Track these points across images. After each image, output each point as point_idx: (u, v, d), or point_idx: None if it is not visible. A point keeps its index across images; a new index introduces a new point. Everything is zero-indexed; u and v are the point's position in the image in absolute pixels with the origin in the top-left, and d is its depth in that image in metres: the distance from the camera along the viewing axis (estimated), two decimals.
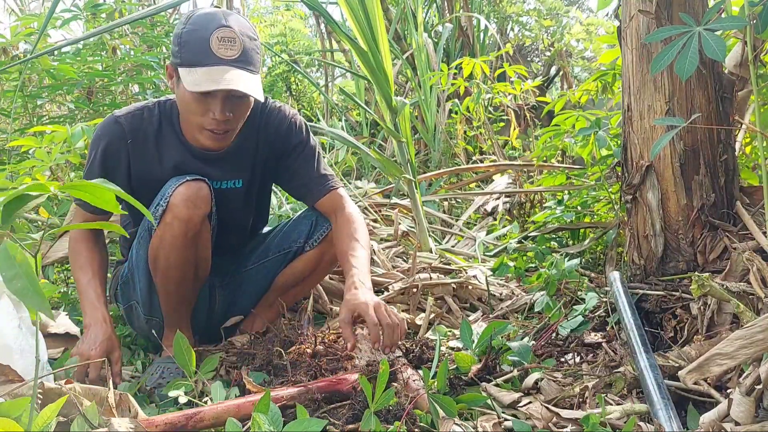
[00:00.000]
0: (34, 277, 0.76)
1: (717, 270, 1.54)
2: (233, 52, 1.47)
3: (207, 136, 1.57)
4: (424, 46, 4.18)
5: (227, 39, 1.47)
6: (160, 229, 1.54)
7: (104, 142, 1.61)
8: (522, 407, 1.31)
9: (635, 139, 1.69)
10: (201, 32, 1.47)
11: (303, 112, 5.84)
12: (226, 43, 1.47)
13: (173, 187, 1.53)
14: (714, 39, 1.35)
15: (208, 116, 1.52)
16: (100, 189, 0.79)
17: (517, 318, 1.97)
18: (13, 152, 2.71)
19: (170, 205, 1.52)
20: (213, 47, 1.46)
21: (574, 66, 5.55)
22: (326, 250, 1.82)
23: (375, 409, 1.19)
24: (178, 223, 1.52)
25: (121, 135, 1.61)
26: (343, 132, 3.24)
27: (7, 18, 4.72)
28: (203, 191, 1.56)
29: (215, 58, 1.46)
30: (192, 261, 1.60)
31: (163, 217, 1.52)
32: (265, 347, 1.60)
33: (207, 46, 1.46)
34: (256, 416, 1.04)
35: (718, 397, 1.21)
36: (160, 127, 1.65)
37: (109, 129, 1.62)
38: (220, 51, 1.46)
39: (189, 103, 1.52)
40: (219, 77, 1.45)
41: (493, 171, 3.61)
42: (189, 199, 1.52)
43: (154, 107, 1.66)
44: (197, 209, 1.54)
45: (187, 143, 1.65)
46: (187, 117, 1.57)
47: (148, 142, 1.64)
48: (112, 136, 1.61)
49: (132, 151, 1.62)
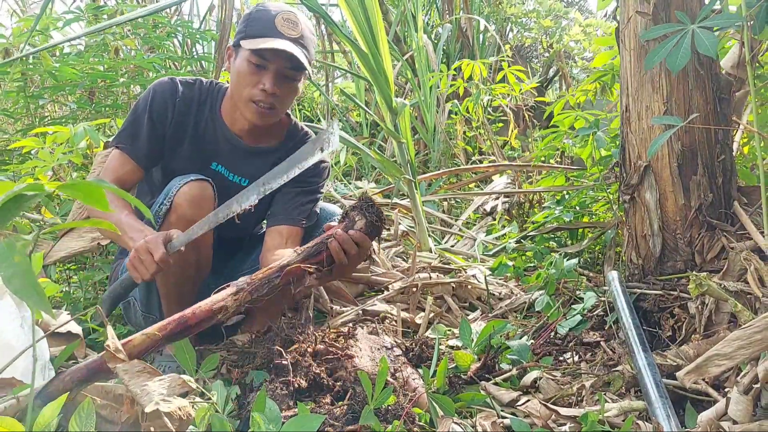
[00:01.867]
0: (32, 276, 0.77)
1: (715, 269, 1.54)
2: (295, 32, 1.62)
3: (253, 110, 1.65)
4: (424, 47, 4.19)
5: (290, 21, 1.63)
6: (164, 227, 1.55)
7: (156, 92, 1.70)
8: (521, 406, 1.32)
9: (633, 139, 1.70)
10: (268, 13, 1.63)
11: (303, 113, 5.84)
12: (290, 23, 1.62)
13: (177, 187, 1.55)
14: (707, 36, 1.36)
15: (258, 87, 1.62)
16: (96, 188, 0.79)
17: (516, 317, 1.98)
18: (15, 153, 2.72)
19: (174, 205, 1.54)
20: (278, 24, 1.61)
21: (573, 67, 5.56)
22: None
23: (374, 407, 1.20)
24: (183, 222, 1.53)
25: (174, 91, 1.71)
26: (344, 132, 3.25)
27: (9, 20, 4.74)
28: (207, 191, 1.59)
29: (278, 33, 1.60)
30: (193, 261, 1.61)
31: (167, 216, 1.54)
32: (265, 346, 1.60)
33: (272, 23, 1.61)
34: (255, 415, 1.05)
35: (715, 395, 1.22)
36: (204, 101, 1.75)
37: (164, 84, 1.72)
38: (283, 29, 1.61)
39: (243, 75, 1.63)
40: (279, 45, 1.58)
41: (492, 171, 3.62)
42: (193, 200, 1.54)
43: (207, 83, 1.78)
44: (201, 210, 1.55)
45: (221, 125, 1.74)
46: (239, 90, 1.65)
47: (191, 109, 1.73)
48: (165, 90, 1.71)
49: (177, 111, 1.71)
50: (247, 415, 1.22)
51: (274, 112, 1.68)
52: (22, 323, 1.27)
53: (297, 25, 1.64)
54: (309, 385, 1.42)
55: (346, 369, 1.44)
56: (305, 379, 1.42)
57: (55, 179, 2.20)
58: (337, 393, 1.40)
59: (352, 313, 1.98)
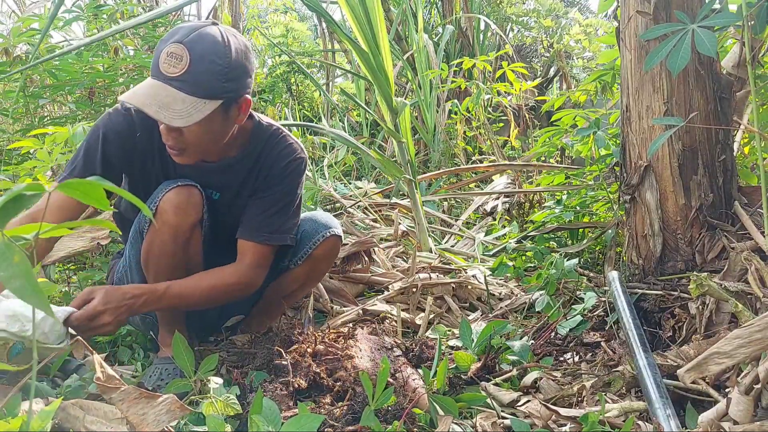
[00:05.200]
0: (31, 276, 0.76)
1: (715, 270, 1.54)
2: (175, 69, 1.38)
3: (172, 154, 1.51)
4: (425, 46, 4.19)
5: (174, 55, 1.38)
6: (150, 233, 1.53)
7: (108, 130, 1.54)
8: (521, 406, 1.32)
9: (634, 139, 1.70)
10: (160, 44, 1.41)
11: (303, 113, 5.84)
12: (172, 59, 1.38)
13: (163, 192, 1.50)
14: (707, 35, 1.36)
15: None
16: (95, 186, 0.79)
17: (516, 317, 1.97)
18: (14, 153, 2.72)
19: (159, 211, 1.49)
20: (160, 61, 1.39)
21: (573, 66, 5.56)
22: (313, 266, 1.79)
23: (375, 407, 1.20)
24: (167, 229, 1.50)
25: (131, 126, 1.55)
26: (344, 132, 3.24)
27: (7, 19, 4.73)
28: (194, 197, 1.52)
29: (157, 73, 1.39)
30: (182, 266, 1.57)
31: (152, 223, 1.51)
32: (265, 347, 1.60)
33: (156, 61, 1.40)
34: (253, 417, 1.05)
35: (716, 396, 1.22)
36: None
37: (119, 119, 1.56)
38: (162, 66, 1.38)
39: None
40: (145, 92, 1.38)
41: (492, 171, 3.62)
42: (179, 207, 1.49)
43: None
44: (187, 216, 1.51)
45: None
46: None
47: (153, 137, 1.57)
48: (121, 127, 1.55)
49: (139, 144, 1.57)
50: (246, 415, 1.22)
51: (188, 153, 1.49)
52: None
53: (181, 59, 1.37)
54: (309, 385, 1.42)
55: (346, 369, 1.44)
56: (305, 379, 1.42)
57: (54, 179, 2.19)
58: (337, 393, 1.39)
59: (352, 313, 1.98)
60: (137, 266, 1.62)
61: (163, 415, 1.05)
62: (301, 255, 1.78)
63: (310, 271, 1.81)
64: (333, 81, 6.45)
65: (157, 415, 1.05)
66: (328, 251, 1.80)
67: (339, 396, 1.39)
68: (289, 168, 1.65)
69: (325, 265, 1.86)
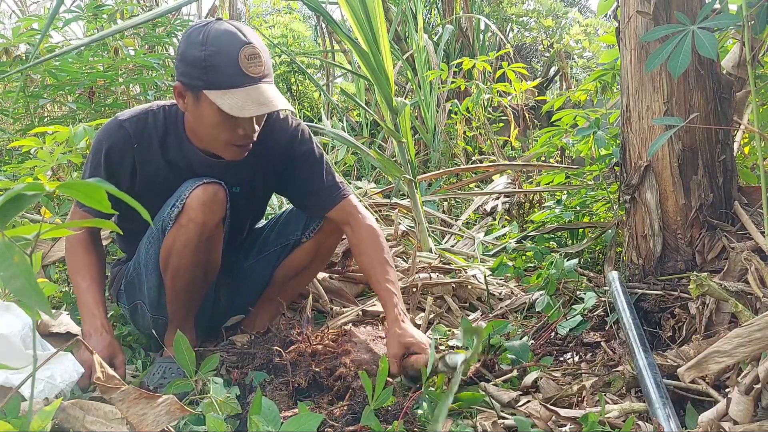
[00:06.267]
0: (32, 276, 0.76)
1: (715, 270, 1.54)
2: (261, 68, 1.47)
3: (233, 151, 1.56)
4: (425, 46, 4.19)
5: (254, 56, 1.45)
6: (174, 230, 1.53)
7: (108, 146, 1.57)
8: (521, 406, 1.32)
9: (634, 139, 1.70)
10: (227, 54, 1.44)
11: (303, 113, 5.84)
12: (254, 60, 1.45)
13: (190, 190, 1.52)
14: (707, 37, 1.36)
15: (238, 132, 1.51)
16: (95, 188, 0.79)
17: (516, 317, 1.97)
18: (15, 152, 2.72)
19: (186, 208, 1.51)
20: (243, 67, 1.44)
21: (573, 66, 5.56)
22: (323, 240, 1.85)
23: (375, 407, 1.20)
24: (194, 226, 1.51)
25: (127, 139, 1.58)
26: (344, 132, 3.25)
27: (8, 20, 4.73)
28: (220, 195, 1.54)
29: (247, 77, 1.45)
30: (203, 264, 1.59)
31: (179, 218, 1.51)
32: (264, 347, 1.60)
33: (238, 67, 1.44)
34: (252, 418, 1.05)
35: (716, 396, 1.22)
36: (166, 132, 1.62)
37: (114, 133, 1.58)
38: (250, 69, 1.45)
39: (218, 123, 1.50)
40: (261, 98, 1.45)
41: (492, 171, 3.62)
42: (206, 204, 1.51)
43: (159, 112, 1.62)
44: (213, 214, 1.53)
45: (191, 149, 1.62)
46: (214, 134, 1.54)
47: (152, 146, 1.60)
48: (117, 141, 1.58)
49: (137, 155, 1.59)
50: (246, 415, 1.22)
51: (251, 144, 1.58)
52: (30, 327, 1.27)
53: (260, 58, 1.46)
54: (308, 385, 1.42)
55: (345, 365, 1.44)
56: (304, 379, 1.42)
57: (54, 179, 2.20)
58: (337, 392, 1.40)
59: (352, 313, 1.98)
60: (155, 265, 1.61)
61: (162, 416, 1.05)
62: (313, 227, 1.84)
63: (319, 245, 1.86)
64: (333, 81, 6.45)
65: (156, 415, 1.05)
66: (336, 226, 1.84)
67: (338, 395, 1.39)
68: (296, 134, 1.73)
69: (333, 241, 1.91)
